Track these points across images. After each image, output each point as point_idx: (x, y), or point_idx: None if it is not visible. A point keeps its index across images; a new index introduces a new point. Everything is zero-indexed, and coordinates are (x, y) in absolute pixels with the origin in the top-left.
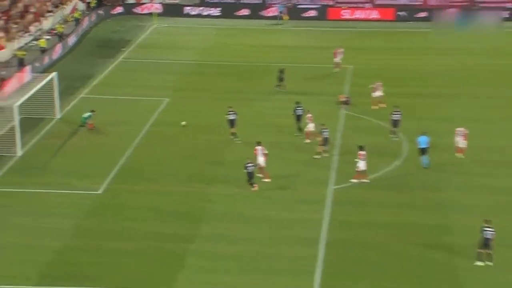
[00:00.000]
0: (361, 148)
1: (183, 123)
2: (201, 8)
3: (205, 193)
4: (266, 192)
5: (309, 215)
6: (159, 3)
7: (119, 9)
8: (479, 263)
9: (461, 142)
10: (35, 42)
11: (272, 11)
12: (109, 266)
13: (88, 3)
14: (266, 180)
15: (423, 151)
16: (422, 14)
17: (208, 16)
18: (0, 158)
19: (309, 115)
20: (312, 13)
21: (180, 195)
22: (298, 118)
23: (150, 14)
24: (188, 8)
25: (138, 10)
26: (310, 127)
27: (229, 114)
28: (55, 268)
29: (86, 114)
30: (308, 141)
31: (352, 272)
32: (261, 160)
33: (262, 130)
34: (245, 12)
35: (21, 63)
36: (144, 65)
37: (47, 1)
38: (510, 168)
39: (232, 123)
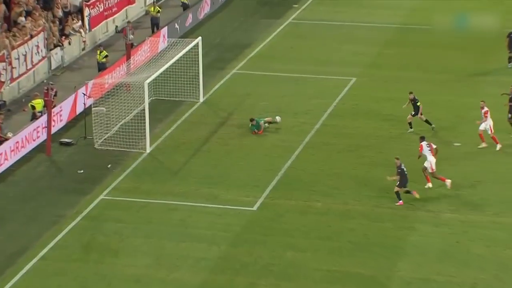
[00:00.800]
0: None
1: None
2: None
3: (401, 216)
4: (494, 218)
5: None
6: None
7: None
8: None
9: None
10: None
11: None
12: None
13: None
14: (448, 182)
15: None
16: None
17: None
18: (124, 155)
19: (485, 109)
20: None
21: (364, 217)
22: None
23: None
24: None
25: None
26: (483, 126)
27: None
28: None
29: (261, 120)
30: (483, 145)
31: None
32: (432, 160)
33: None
34: None
35: (155, 24)
36: (323, 29)
37: None
38: None
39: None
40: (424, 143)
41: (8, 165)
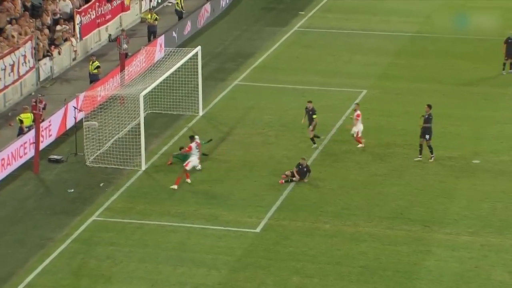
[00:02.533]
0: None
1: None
2: None
3: (416, 239)
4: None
5: None
6: None
7: None
8: None
9: None
10: (172, 1)
11: None
12: None
13: None
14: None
15: None
16: None
17: None
18: (117, 173)
19: (357, 112)
20: None
21: (376, 240)
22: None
23: None
24: None
25: None
26: (354, 129)
27: None
28: None
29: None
30: (360, 146)
31: None
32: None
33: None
34: None
35: (152, 32)
36: (331, 38)
37: None
38: None
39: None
40: (193, 144)
41: None
